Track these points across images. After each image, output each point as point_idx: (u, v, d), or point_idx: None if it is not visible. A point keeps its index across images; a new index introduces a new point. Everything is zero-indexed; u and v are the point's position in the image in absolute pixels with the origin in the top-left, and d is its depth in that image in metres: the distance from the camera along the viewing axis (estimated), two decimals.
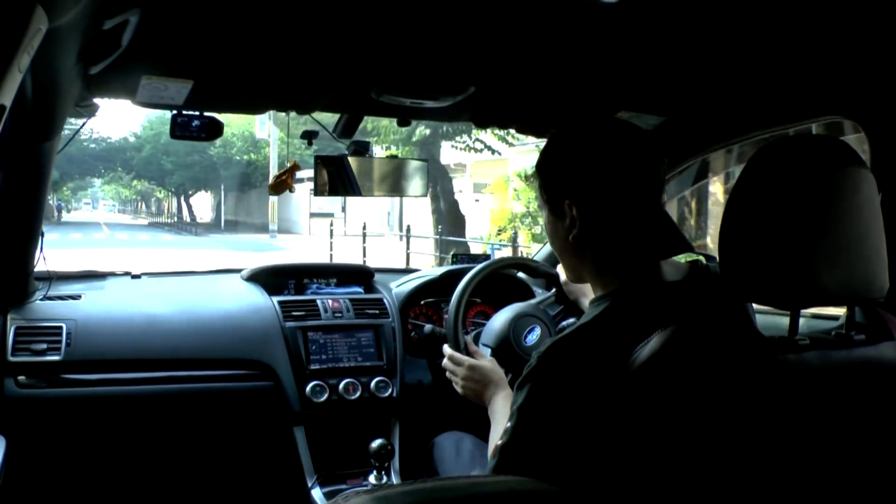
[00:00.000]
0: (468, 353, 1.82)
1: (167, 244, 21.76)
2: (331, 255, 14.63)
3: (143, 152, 34.33)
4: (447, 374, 1.80)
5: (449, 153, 16.51)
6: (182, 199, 40.33)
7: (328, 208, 25.37)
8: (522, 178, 12.65)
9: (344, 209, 25.05)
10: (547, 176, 1.26)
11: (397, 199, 22.21)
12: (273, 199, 24.23)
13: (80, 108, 1.88)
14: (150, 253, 16.82)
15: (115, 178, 44.72)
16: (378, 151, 12.91)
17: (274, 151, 25.18)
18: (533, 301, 2.09)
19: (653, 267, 1.19)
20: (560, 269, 2.06)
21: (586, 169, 1.20)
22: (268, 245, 22.05)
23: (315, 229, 24.48)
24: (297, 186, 2.22)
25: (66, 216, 50.23)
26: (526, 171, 12.41)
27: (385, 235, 17.97)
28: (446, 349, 1.84)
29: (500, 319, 2.03)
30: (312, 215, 26.07)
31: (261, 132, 25.26)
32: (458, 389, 1.75)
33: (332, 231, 15.58)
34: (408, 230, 13.68)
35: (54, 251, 2.72)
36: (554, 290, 2.11)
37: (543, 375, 1.09)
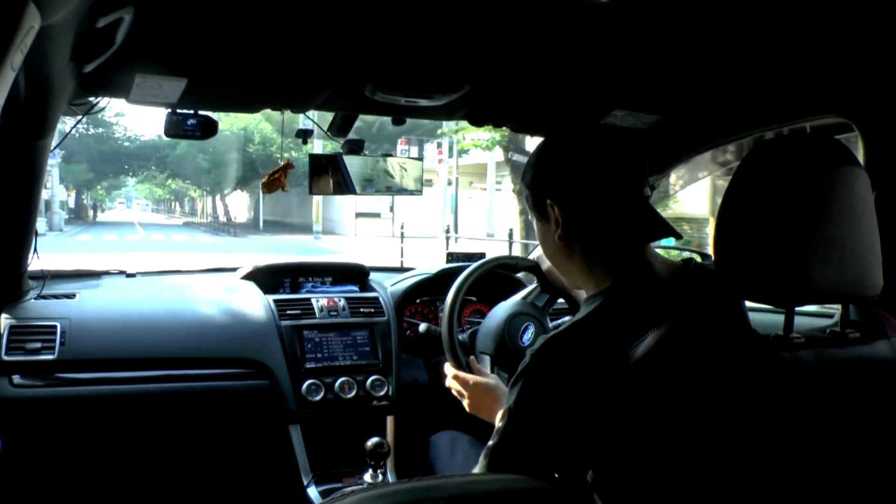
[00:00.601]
0: (471, 370, 1.82)
1: (208, 247, 20.32)
2: (401, 261, 12.87)
3: (178, 150, 33.59)
4: (453, 392, 1.78)
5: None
6: (218, 198, 39.43)
7: (375, 208, 24.35)
8: None
9: (392, 209, 23.78)
10: (530, 183, 1.29)
11: (450, 196, 21.69)
12: (317, 198, 22.72)
13: (74, 107, 1.88)
14: (191, 258, 14.62)
15: (148, 176, 44.16)
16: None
17: (318, 149, 24.00)
18: (519, 297, 2.07)
19: (643, 262, 1.20)
20: (539, 257, 2.06)
21: (563, 167, 1.23)
22: (314, 248, 20.38)
23: (361, 230, 23.33)
24: None
25: (99, 216, 49.90)
26: None
27: (439, 237, 16.48)
28: (448, 368, 1.82)
29: (493, 323, 2.00)
30: (358, 215, 24.87)
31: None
32: (467, 408, 1.74)
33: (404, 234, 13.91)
34: (446, 230, 12.91)
35: (87, 256, 2.71)
36: (536, 281, 2.10)
37: (535, 374, 1.09)
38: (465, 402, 1.74)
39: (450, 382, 1.79)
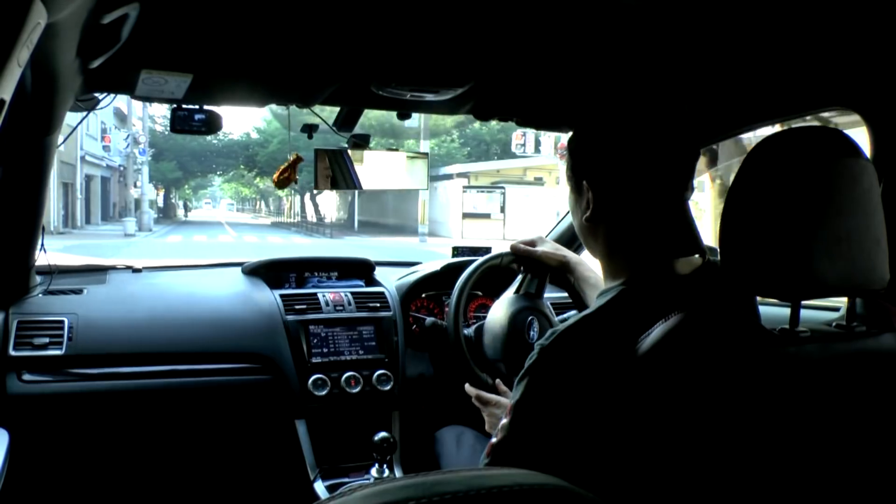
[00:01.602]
0: (496, 391, 1.83)
1: (307, 251, 18.04)
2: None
3: (270, 148, 32.65)
4: (484, 415, 1.75)
5: None
6: (307, 197, 38.16)
7: (484, 208, 22.86)
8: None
9: (503, 209, 22.39)
10: (572, 153, 1.26)
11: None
12: (423, 197, 21.97)
13: (81, 103, 1.88)
14: None
15: (236, 175, 43.82)
16: None
17: (425, 146, 22.37)
18: (511, 293, 2.02)
19: (666, 260, 1.17)
20: (538, 242, 2.02)
21: (605, 155, 1.20)
22: (422, 251, 17.66)
23: (468, 231, 21.80)
24: (447, 184, 2.22)
25: (184, 216, 49.69)
26: None
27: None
28: (469, 389, 1.81)
29: (497, 326, 1.97)
30: (465, 216, 23.24)
31: (410, 121, 22.62)
32: (487, 428, 1.72)
33: None
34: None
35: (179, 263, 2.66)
36: (521, 270, 2.05)
37: (544, 369, 1.09)
38: (486, 421, 1.72)
39: (474, 401, 1.78)
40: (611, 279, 1.22)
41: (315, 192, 33.83)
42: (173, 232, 29.12)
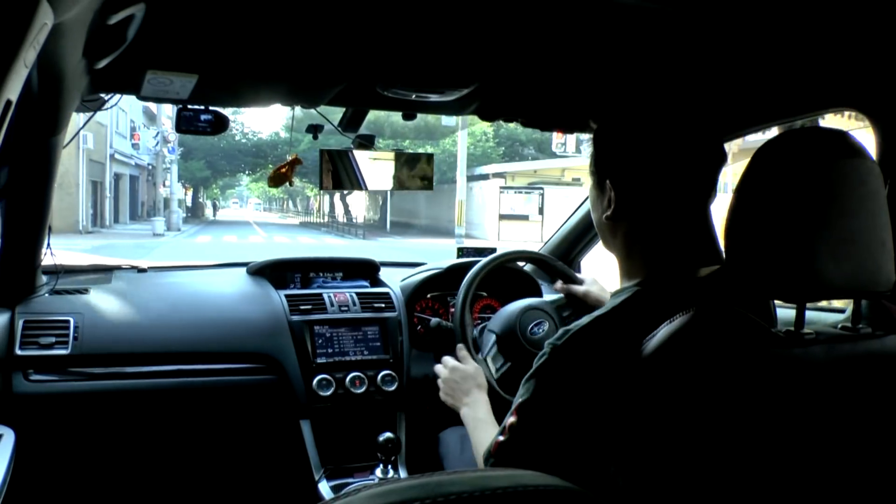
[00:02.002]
0: (457, 357, 1.85)
1: (342, 252, 16.94)
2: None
3: (300, 147, 31.98)
4: (440, 382, 1.80)
5: None
6: (337, 197, 37.72)
7: (522, 209, 22.01)
8: None
9: (541, 210, 21.40)
10: (597, 149, 1.26)
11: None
12: (461, 197, 21.09)
13: (87, 103, 1.89)
14: None
15: (264, 175, 42.61)
16: None
17: (463, 143, 21.97)
18: (546, 299, 2.11)
19: (683, 265, 1.17)
20: (587, 282, 2.08)
21: (630, 156, 1.19)
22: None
23: (505, 233, 20.98)
24: (483, 184, 2.25)
25: (212, 215, 49.30)
26: None
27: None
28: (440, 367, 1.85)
29: (510, 309, 2.06)
30: (502, 217, 22.40)
31: (447, 120, 21.22)
32: (441, 393, 1.76)
33: None
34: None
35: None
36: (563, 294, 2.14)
37: (554, 369, 1.08)
38: (441, 385, 1.76)
39: (436, 366, 1.82)
40: (626, 279, 1.22)
41: (337, 191, 33.91)
42: (202, 232, 29.07)
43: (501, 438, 1.13)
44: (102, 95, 1.91)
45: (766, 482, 0.92)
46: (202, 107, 1.96)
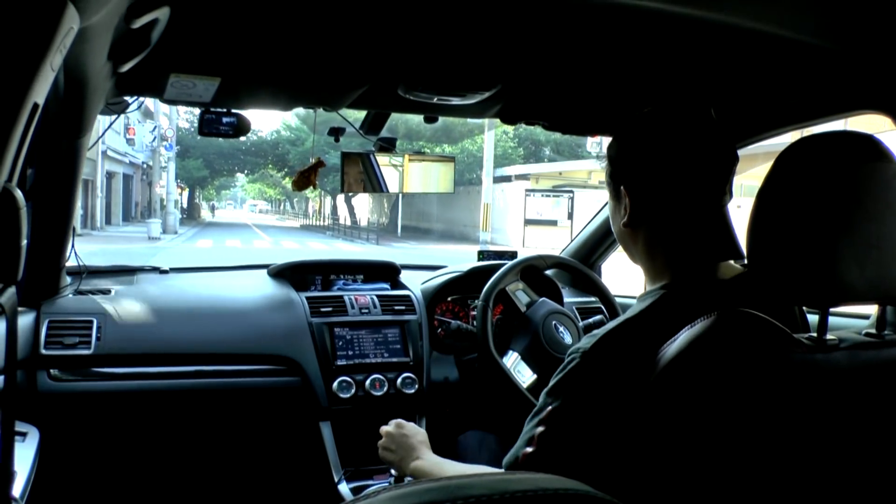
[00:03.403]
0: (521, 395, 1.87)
1: (360, 258, 15.56)
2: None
3: (303, 147, 30.58)
4: (381, 443, 1.63)
5: None
6: (340, 199, 36.12)
7: (549, 214, 20.78)
8: None
9: (570, 215, 20.06)
10: (611, 158, 1.27)
11: None
12: (487, 200, 20.62)
13: (111, 106, 1.91)
14: None
15: (263, 175, 42.03)
16: None
17: (490, 143, 21.30)
18: (580, 323, 2.18)
19: (706, 264, 1.17)
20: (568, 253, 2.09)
21: (642, 160, 1.20)
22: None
23: (531, 240, 19.76)
24: (505, 186, 2.26)
25: (210, 216, 47.71)
26: None
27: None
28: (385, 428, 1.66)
29: (534, 314, 2.07)
30: (528, 222, 20.89)
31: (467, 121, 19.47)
32: (380, 450, 1.62)
33: None
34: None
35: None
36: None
37: (585, 375, 1.07)
38: (383, 441, 1.61)
39: (382, 428, 1.65)
40: (651, 283, 1.22)
41: (350, 194, 32.97)
42: (201, 235, 27.83)
43: (530, 450, 1.10)
44: (126, 98, 1.93)
45: (789, 488, 0.91)
46: (224, 110, 1.97)
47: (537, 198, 21.71)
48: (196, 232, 29.61)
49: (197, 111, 1.98)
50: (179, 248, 19.56)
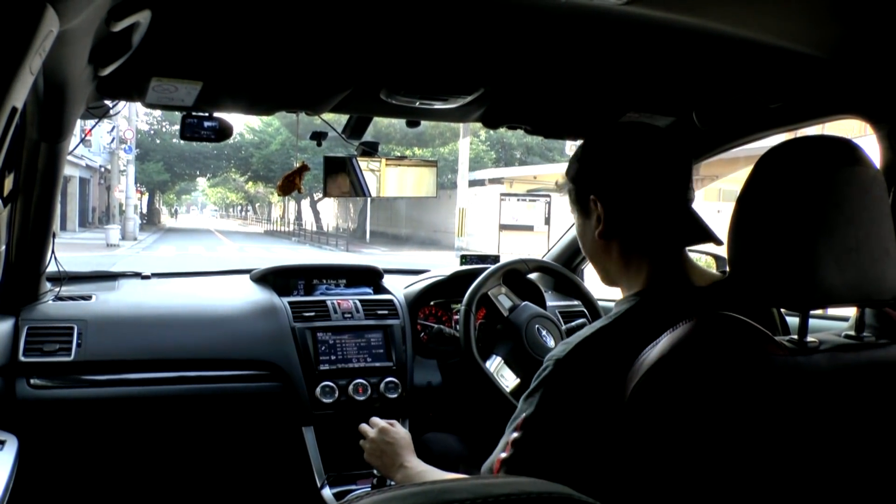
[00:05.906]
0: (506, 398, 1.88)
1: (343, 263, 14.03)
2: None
3: (267, 150, 29.84)
4: (366, 444, 1.65)
5: None
6: (305, 203, 35.19)
7: (525, 219, 20.07)
8: None
9: (548, 220, 19.49)
10: (575, 178, 1.28)
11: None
12: (462, 205, 20.07)
13: (92, 110, 1.89)
14: None
15: (225, 179, 40.86)
16: None
17: (465, 147, 20.64)
18: (563, 326, 2.18)
19: (679, 268, 1.20)
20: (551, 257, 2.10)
21: (609, 164, 1.23)
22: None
23: (506, 245, 18.84)
24: (478, 190, 2.26)
25: (171, 222, 45.75)
26: None
27: None
28: (365, 427, 1.69)
29: (517, 318, 2.06)
30: (503, 227, 20.17)
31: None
32: (365, 454, 1.64)
33: None
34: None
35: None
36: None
37: (559, 381, 1.08)
38: (367, 446, 1.63)
39: (362, 426, 1.69)
40: (627, 287, 1.24)
41: (317, 198, 31.68)
42: (162, 241, 26.54)
43: (504, 455, 1.11)
44: (107, 102, 1.91)
45: (770, 491, 0.92)
46: (206, 114, 1.97)
47: (512, 202, 21.13)
48: (157, 238, 28.31)
49: (157, 113, 1.97)
50: (140, 258, 18.38)
